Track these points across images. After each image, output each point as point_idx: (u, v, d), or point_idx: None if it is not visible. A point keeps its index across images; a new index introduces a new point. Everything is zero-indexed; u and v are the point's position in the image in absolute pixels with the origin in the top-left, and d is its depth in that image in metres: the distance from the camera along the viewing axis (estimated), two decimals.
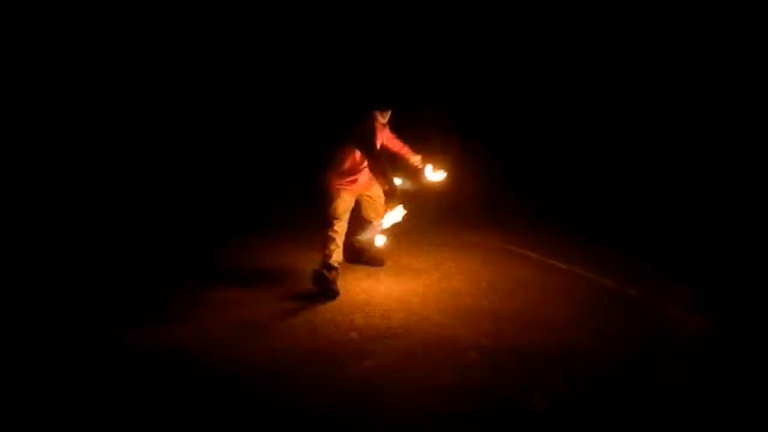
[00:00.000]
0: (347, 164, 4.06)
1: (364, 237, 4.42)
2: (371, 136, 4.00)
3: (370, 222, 4.40)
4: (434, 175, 4.42)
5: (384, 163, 4.04)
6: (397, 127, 4.39)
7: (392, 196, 4.05)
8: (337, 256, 4.06)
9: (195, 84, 7.00)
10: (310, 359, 3.15)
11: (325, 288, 4.00)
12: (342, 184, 4.07)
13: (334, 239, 4.04)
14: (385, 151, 4.25)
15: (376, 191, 4.31)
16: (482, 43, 7.87)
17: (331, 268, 4.03)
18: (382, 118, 4.14)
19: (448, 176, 4.45)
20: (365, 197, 4.35)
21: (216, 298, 4.01)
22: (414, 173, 4.44)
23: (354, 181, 4.11)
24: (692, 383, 2.96)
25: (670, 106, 6.84)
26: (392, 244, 4.70)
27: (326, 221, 4.06)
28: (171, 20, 6.42)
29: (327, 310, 3.82)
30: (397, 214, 4.14)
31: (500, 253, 5.15)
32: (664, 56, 6.76)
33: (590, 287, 4.32)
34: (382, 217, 4.27)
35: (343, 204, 4.08)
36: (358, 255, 4.63)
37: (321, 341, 3.37)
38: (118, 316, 3.72)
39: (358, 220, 4.41)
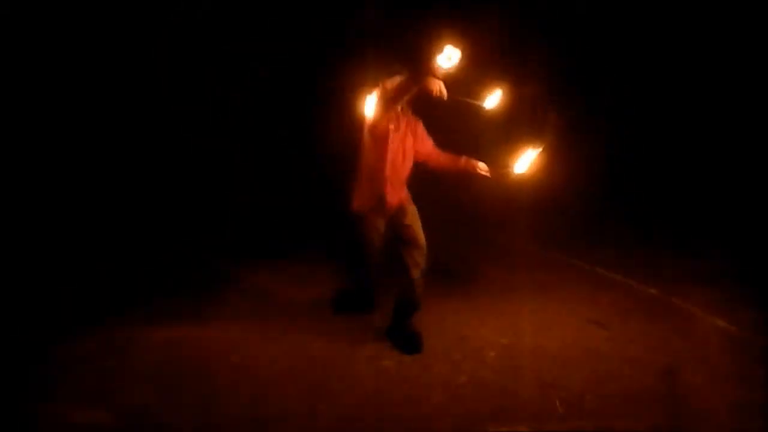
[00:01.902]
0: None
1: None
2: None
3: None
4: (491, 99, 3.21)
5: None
6: None
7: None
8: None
9: (202, 84, 6.82)
10: (321, 364, 3.12)
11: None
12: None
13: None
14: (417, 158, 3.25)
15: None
16: None
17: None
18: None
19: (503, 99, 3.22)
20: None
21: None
22: (466, 175, 3.27)
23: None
24: (717, 385, 2.90)
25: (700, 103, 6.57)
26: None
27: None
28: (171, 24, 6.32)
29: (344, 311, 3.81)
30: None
31: (520, 254, 5.11)
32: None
33: (612, 287, 4.26)
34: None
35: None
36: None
37: (337, 348, 3.31)
38: (128, 311, 3.68)
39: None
